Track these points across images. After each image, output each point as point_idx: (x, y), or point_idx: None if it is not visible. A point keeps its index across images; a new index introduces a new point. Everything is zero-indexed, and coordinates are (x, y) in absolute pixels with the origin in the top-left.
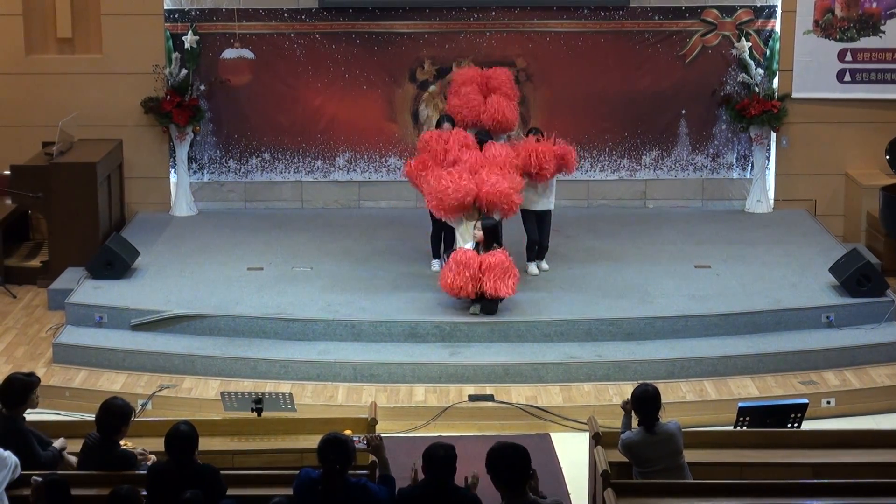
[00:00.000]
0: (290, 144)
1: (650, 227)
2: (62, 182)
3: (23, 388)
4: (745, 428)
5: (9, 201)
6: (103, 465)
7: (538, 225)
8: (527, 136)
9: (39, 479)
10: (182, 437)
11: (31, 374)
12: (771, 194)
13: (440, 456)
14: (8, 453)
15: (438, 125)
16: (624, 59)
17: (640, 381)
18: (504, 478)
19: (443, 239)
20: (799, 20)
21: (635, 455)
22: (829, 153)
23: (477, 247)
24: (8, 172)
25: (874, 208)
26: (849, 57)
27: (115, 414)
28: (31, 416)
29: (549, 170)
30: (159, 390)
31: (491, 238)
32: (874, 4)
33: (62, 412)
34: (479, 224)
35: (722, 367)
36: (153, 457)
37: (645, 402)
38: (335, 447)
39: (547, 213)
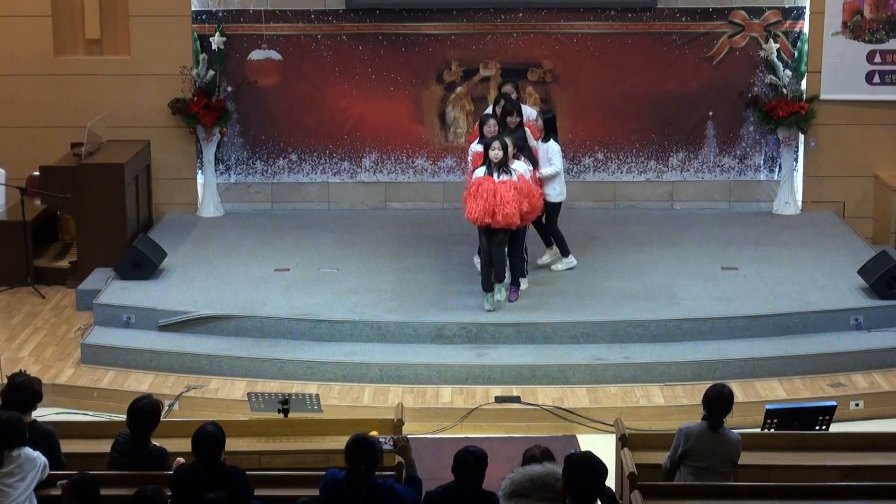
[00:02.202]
0: (317, 145)
1: (677, 228)
2: (90, 183)
3: (40, 388)
4: (772, 430)
5: (38, 202)
6: (136, 463)
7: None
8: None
9: (65, 481)
10: (209, 437)
11: (23, 372)
12: (799, 196)
13: (471, 464)
14: (37, 454)
15: (482, 124)
16: (651, 60)
17: (716, 382)
18: (576, 490)
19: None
20: (827, 22)
21: (691, 443)
22: (857, 155)
23: (490, 166)
24: (37, 173)
25: None
26: (878, 58)
27: (145, 413)
28: (61, 416)
29: None
30: (186, 391)
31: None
32: None
33: (90, 412)
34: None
35: (749, 370)
36: (181, 459)
37: (716, 402)
38: (361, 448)
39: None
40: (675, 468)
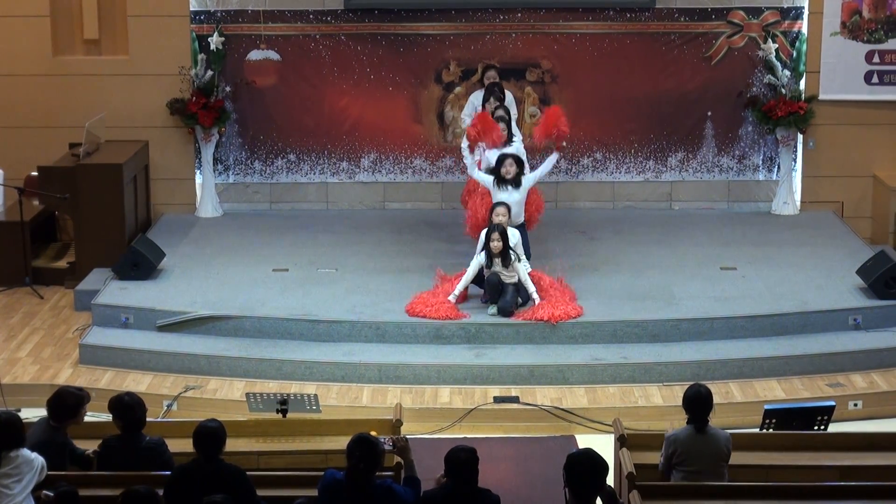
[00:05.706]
0: (316, 146)
1: (676, 229)
2: (89, 183)
3: (76, 402)
4: (771, 430)
5: (36, 202)
6: (132, 461)
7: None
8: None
9: (50, 493)
10: (210, 433)
11: (82, 390)
12: (797, 196)
13: (462, 459)
14: (35, 455)
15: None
16: (650, 60)
17: (694, 382)
18: (577, 487)
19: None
20: (826, 22)
21: (680, 449)
22: (856, 155)
23: (491, 259)
24: (35, 173)
25: None
26: (876, 58)
27: (135, 406)
28: None
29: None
30: (185, 391)
31: (507, 246)
32: None
33: (88, 413)
34: (494, 235)
35: (748, 370)
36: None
37: (695, 402)
38: (362, 446)
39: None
40: (668, 475)
